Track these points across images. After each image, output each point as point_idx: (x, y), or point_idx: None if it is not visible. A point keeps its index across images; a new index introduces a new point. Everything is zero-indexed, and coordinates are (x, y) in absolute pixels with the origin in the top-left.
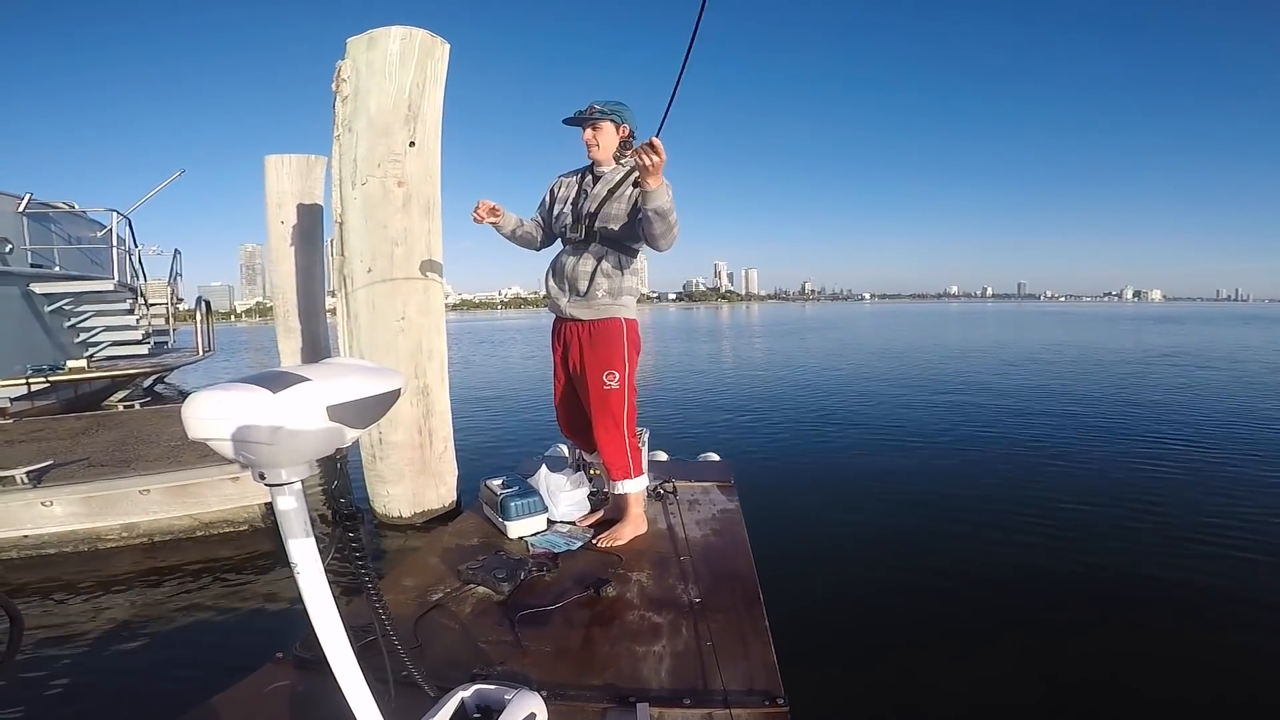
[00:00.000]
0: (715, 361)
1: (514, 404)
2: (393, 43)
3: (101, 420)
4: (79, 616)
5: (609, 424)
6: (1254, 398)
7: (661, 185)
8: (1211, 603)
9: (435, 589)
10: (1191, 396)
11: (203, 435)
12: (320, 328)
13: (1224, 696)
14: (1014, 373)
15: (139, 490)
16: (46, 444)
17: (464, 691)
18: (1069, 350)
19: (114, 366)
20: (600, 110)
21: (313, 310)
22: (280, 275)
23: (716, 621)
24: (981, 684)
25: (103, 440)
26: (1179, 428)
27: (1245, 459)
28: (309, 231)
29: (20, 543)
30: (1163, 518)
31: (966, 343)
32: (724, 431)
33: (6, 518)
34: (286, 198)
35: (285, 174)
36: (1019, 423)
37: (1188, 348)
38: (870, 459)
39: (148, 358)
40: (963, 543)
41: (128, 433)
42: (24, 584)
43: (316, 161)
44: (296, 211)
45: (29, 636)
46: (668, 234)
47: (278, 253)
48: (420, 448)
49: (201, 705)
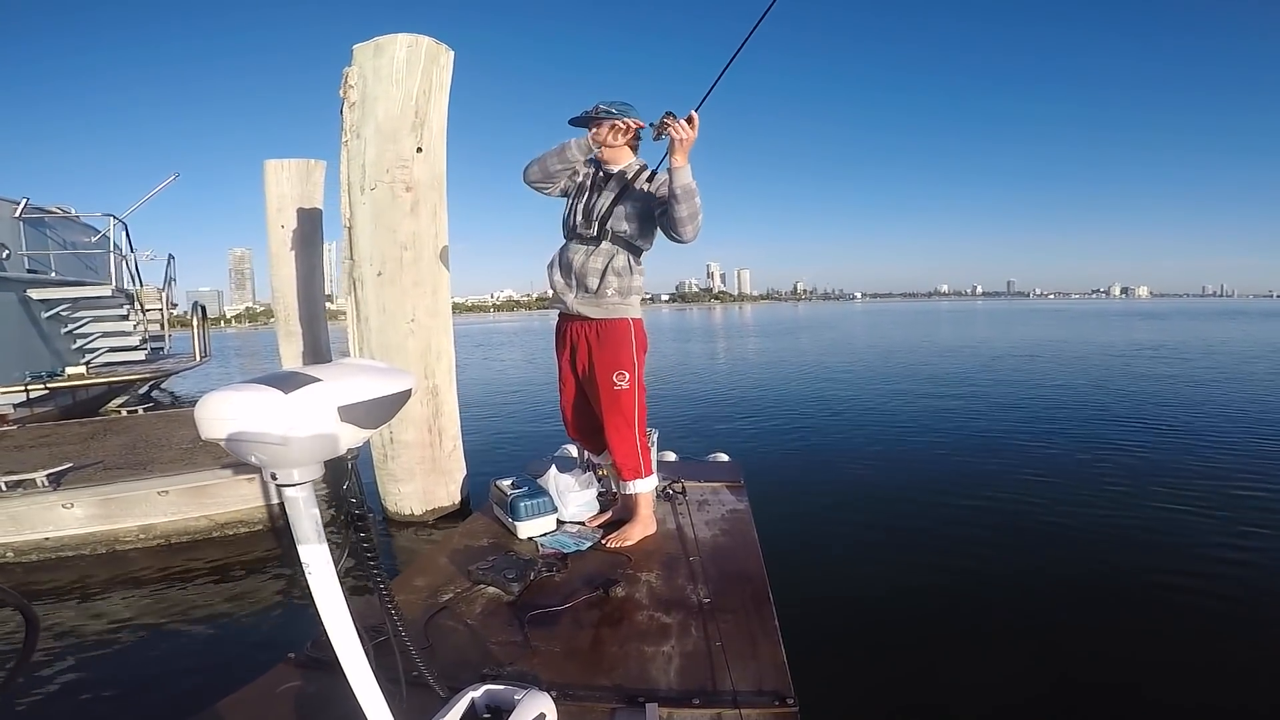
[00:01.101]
0: (712, 360)
1: (514, 406)
2: (399, 50)
3: (108, 425)
4: (93, 617)
5: (621, 424)
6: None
7: (687, 165)
8: (1229, 603)
9: (445, 589)
10: (1192, 392)
11: (215, 435)
12: (321, 331)
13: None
14: (1025, 371)
15: (158, 492)
16: (58, 449)
17: (474, 692)
18: (1073, 347)
19: (112, 373)
20: (607, 110)
21: (313, 314)
22: (281, 279)
23: (726, 622)
24: (993, 684)
25: (113, 444)
26: (1209, 430)
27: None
28: (309, 235)
29: (41, 545)
30: (1182, 520)
31: (965, 341)
32: (725, 431)
33: (28, 520)
34: (286, 202)
35: (285, 178)
36: (1030, 422)
37: (1189, 344)
38: (880, 458)
39: (145, 364)
40: (974, 543)
41: (136, 437)
42: (43, 585)
43: (316, 166)
44: (296, 216)
45: (45, 636)
46: (694, 217)
47: (278, 257)
48: (431, 446)
49: (214, 705)
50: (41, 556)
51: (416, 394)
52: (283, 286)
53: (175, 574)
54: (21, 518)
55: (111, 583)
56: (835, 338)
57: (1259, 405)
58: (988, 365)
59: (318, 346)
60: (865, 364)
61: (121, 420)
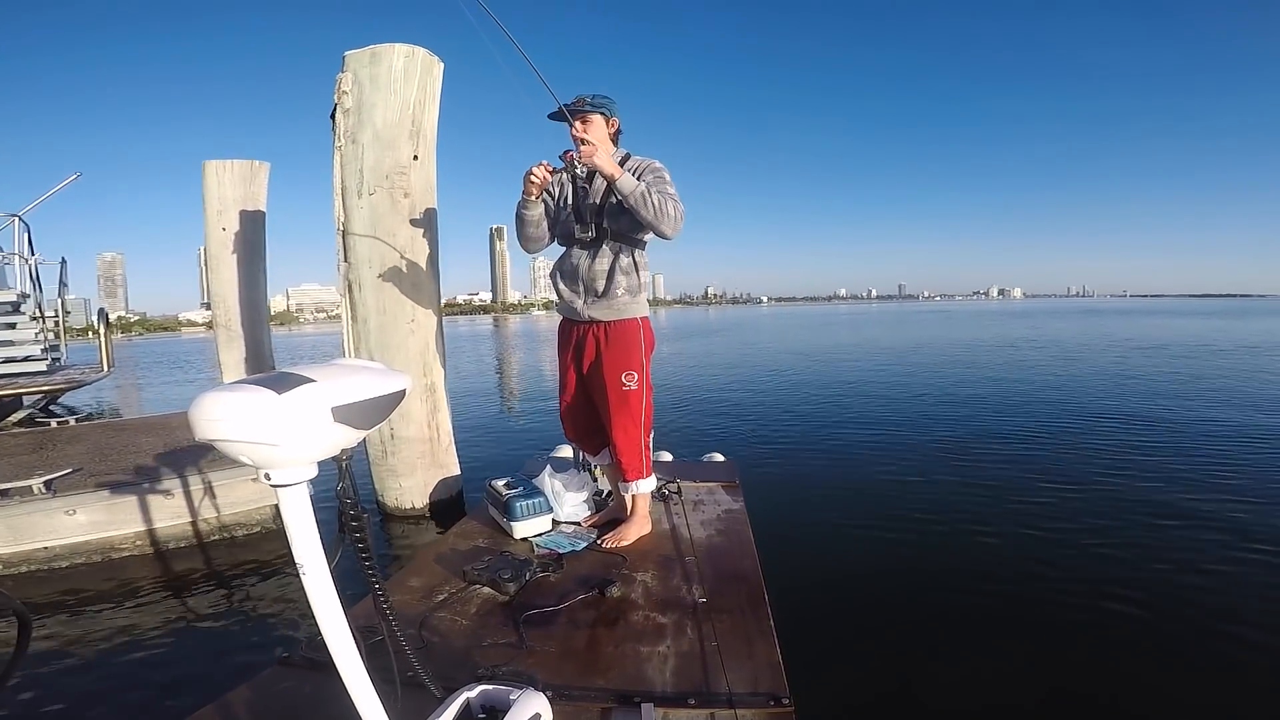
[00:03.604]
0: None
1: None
2: (396, 60)
3: (49, 436)
4: (89, 618)
5: (629, 424)
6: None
7: (622, 174)
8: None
9: (440, 589)
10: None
11: (210, 436)
12: (264, 335)
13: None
14: (994, 371)
15: (164, 494)
16: (13, 459)
17: (469, 692)
18: (1034, 346)
19: (13, 385)
20: (589, 103)
21: (256, 318)
22: (221, 282)
23: (721, 622)
24: (988, 685)
25: (75, 453)
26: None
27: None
28: (252, 238)
29: (34, 555)
30: (1172, 522)
31: (901, 341)
32: (718, 430)
33: (29, 529)
34: (229, 204)
35: (227, 180)
36: (1026, 422)
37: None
38: (874, 458)
39: (47, 375)
40: (971, 543)
41: (91, 446)
42: (44, 593)
43: (260, 168)
44: (239, 218)
45: (40, 640)
46: (662, 215)
47: (218, 259)
48: (430, 441)
49: (208, 706)
50: (36, 567)
51: (416, 390)
52: (223, 290)
53: (175, 575)
54: (22, 527)
55: (109, 586)
56: (747, 339)
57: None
58: (969, 367)
59: (260, 351)
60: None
61: (61, 431)
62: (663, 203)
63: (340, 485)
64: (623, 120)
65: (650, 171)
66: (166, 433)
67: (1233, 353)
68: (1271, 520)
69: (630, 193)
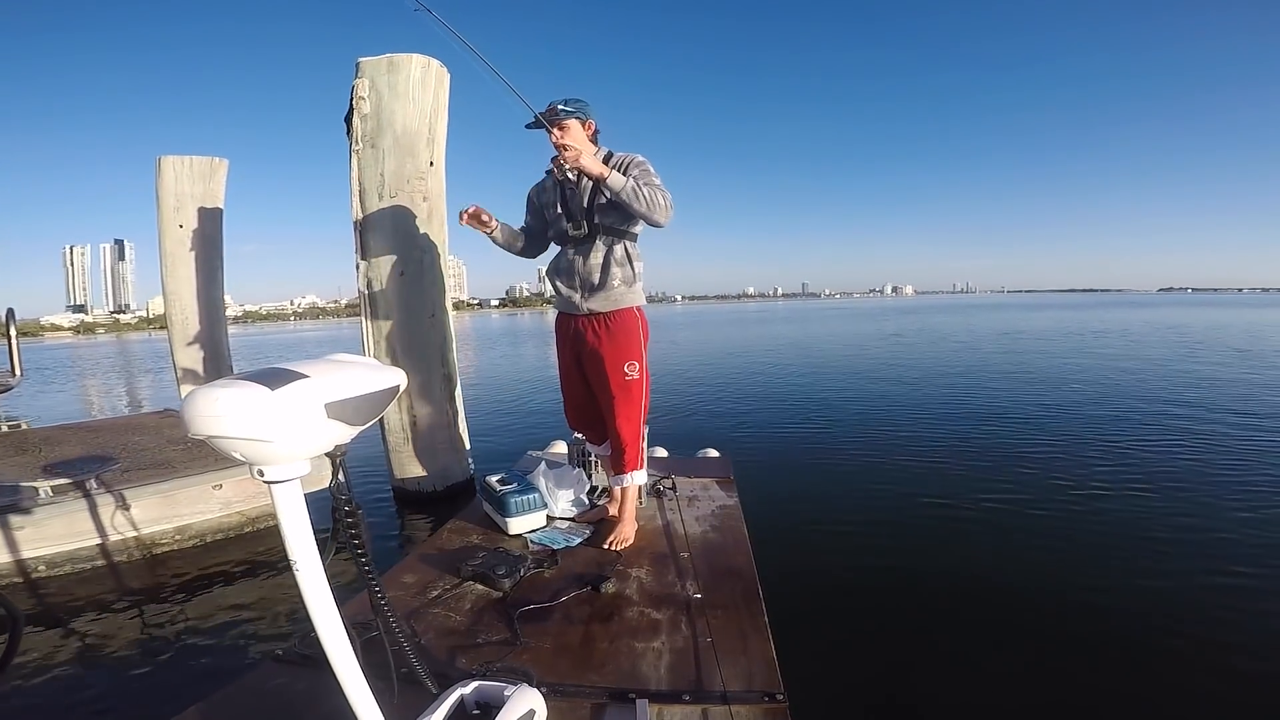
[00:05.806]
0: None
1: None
2: (414, 69)
3: (23, 438)
4: (86, 619)
5: (630, 414)
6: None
7: (610, 173)
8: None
9: (435, 585)
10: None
11: (204, 432)
12: (222, 335)
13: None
14: (994, 362)
15: (213, 486)
16: (12, 460)
17: (463, 688)
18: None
19: None
20: (564, 109)
21: (214, 318)
22: (177, 280)
23: (716, 618)
24: (981, 680)
25: (75, 454)
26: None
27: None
28: (211, 236)
29: (89, 551)
30: (1171, 521)
31: (769, 339)
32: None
33: (82, 524)
34: (186, 200)
35: (185, 176)
36: (1024, 418)
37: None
38: (870, 455)
39: None
40: (965, 540)
41: (89, 447)
42: (74, 592)
43: (219, 165)
44: (198, 215)
45: (29, 636)
46: (653, 207)
47: (174, 257)
48: (448, 426)
49: (198, 704)
50: (79, 566)
51: (435, 379)
52: (179, 289)
53: (173, 574)
54: (78, 522)
55: (108, 586)
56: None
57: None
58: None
59: (219, 351)
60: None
61: (35, 433)
62: (653, 195)
63: (334, 481)
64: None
65: (635, 166)
66: (155, 432)
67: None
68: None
69: (620, 189)
